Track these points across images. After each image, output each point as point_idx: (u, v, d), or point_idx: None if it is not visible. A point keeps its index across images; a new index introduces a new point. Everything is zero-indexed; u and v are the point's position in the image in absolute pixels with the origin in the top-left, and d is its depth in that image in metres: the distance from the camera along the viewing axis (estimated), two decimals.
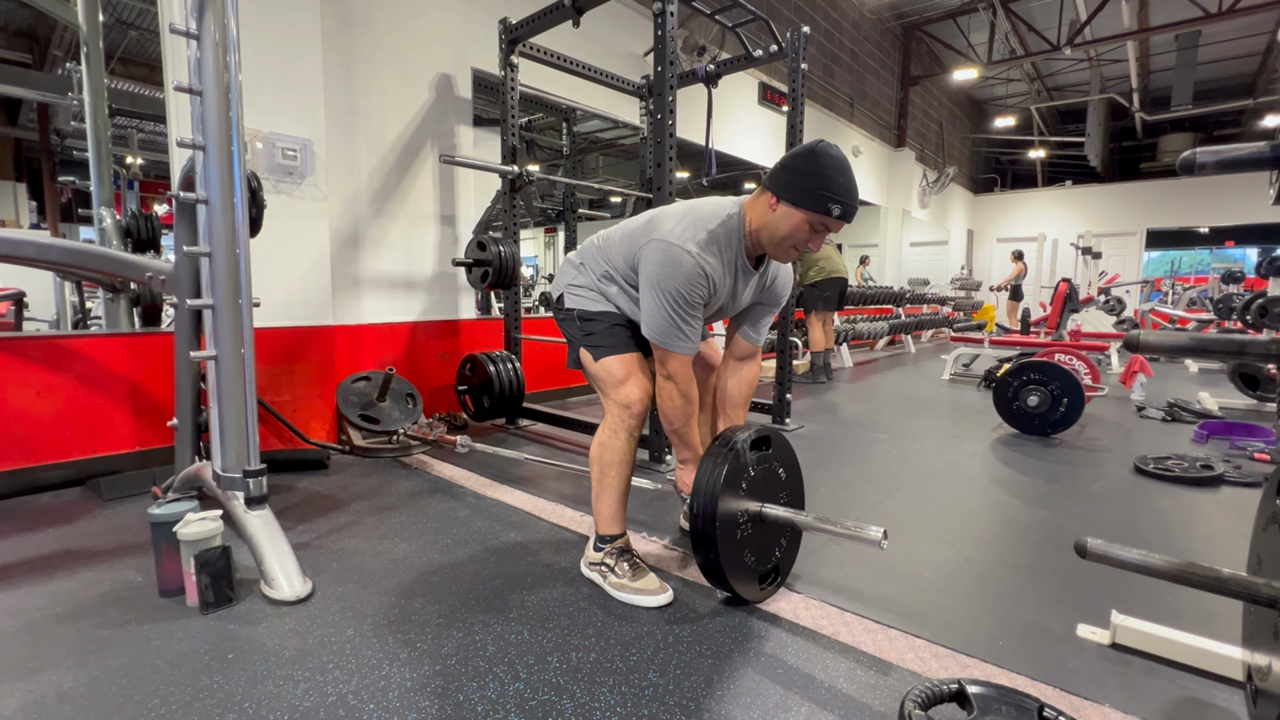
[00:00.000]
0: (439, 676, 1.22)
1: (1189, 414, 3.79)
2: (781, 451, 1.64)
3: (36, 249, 1.93)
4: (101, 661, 1.26)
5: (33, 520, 2.00)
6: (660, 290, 1.44)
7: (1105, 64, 10.79)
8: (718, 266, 1.48)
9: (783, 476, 1.63)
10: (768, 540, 1.56)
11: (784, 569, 1.62)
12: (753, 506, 1.51)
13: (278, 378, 2.72)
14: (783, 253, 1.50)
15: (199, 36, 1.57)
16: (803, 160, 1.40)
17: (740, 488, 1.48)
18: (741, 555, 1.48)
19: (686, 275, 1.42)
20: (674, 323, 1.46)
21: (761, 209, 1.46)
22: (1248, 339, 0.98)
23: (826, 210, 1.37)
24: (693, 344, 1.50)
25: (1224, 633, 1.32)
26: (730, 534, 1.45)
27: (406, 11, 3.23)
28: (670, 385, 1.54)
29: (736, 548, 1.46)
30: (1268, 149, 0.95)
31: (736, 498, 1.47)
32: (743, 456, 1.49)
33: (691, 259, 1.42)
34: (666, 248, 1.44)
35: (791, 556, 1.66)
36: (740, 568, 1.48)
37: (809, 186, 1.38)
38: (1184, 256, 13.31)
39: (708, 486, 1.43)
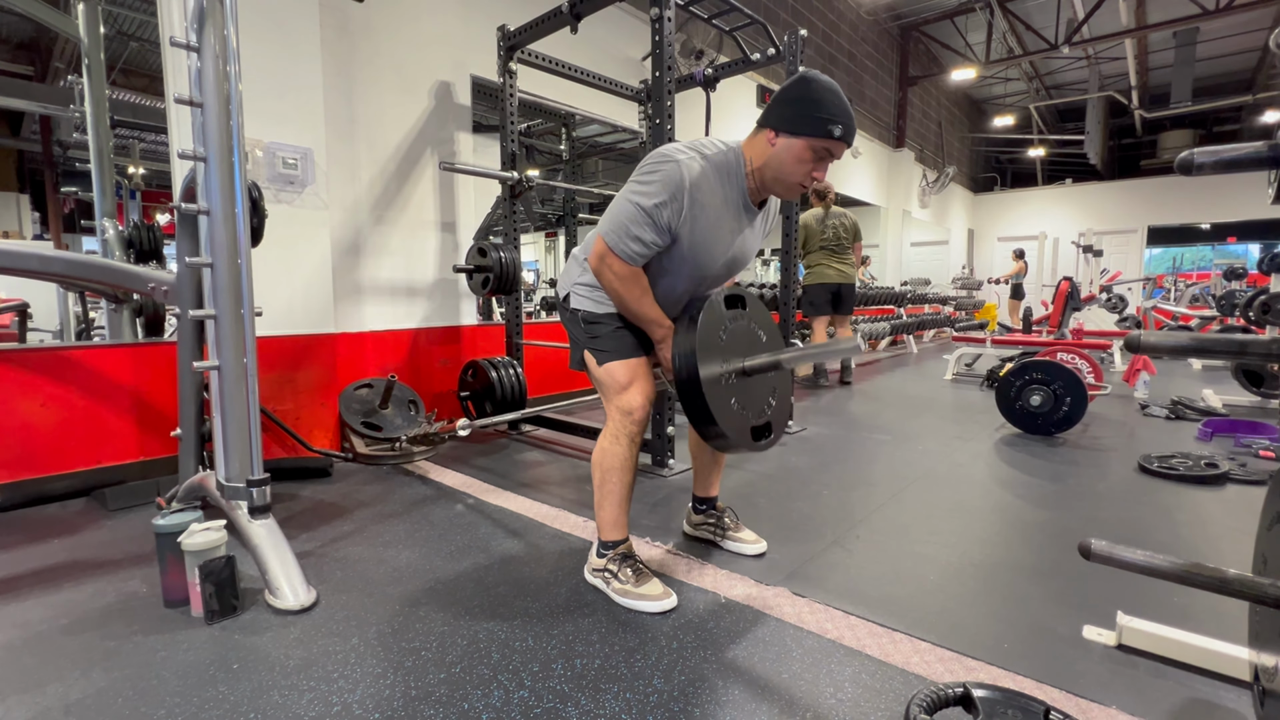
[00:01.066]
0: (444, 685, 1.22)
1: (1193, 412, 3.78)
2: (757, 312, 1.61)
3: (39, 261, 1.94)
4: (108, 673, 1.26)
5: (39, 531, 2.01)
6: (636, 182, 1.44)
7: (1104, 62, 10.79)
8: (705, 189, 1.44)
9: (763, 338, 1.61)
10: (756, 393, 1.54)
11: (776, 427, 1.59)
12: (734, 360, 1.49)
13: (280, 386, 2.72)
14: (790, 188, 1.47)
15: (199, 48, 1.58)
16: (795, 89, 1.39)
17: (718, 341, 1.46)
18: (731, 407, 1.46)
19: (667, 177, 1.40)
20: (630, 218, 1.43)
21: (761, 146, 1.45)
22: (1249, 339, 0.98)
23: (827, 132, 1.36)
24: (635, 253, 1.45)
25: (1231, 633, 1.31)
26: (716, 386, 1.42)
27: (405, 19, 3.25)
28: (604, 267, 1.49)
29: (724, 397, 1.44)
30: (1265, 148, 0.95)
31: (716, 351, 1.45)
32: (717, 310, 1.47)
33: (677, 166, 1.41)
34: (660, 154, 1.45)
35: (783, 415, 1.63)
36: (730, 414, 1.46)
37: (805, 112, 1.37)
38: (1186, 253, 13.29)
39: (685, 344, 1.41)
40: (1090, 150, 11.98)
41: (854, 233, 4.99)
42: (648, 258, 1.48)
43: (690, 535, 1.95)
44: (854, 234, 4.99)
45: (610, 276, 1.50)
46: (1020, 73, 11.60)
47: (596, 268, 1.52)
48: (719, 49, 5.13)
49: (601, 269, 1.51)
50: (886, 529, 2.04)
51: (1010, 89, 12.66)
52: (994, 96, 13.31)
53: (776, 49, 3.19)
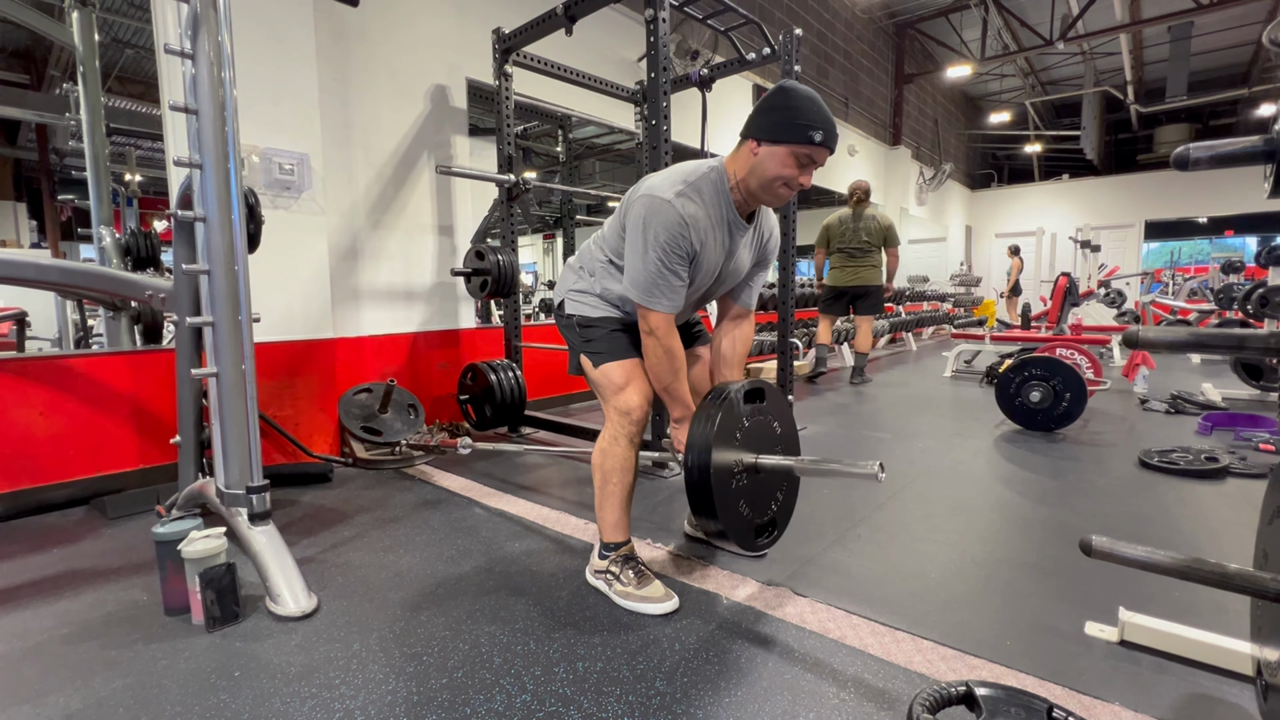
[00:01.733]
0: (446, 690, 1.22)
1: (1192, 406, 3.78)
2: (775, 404, 1.62)
3: (36, 270, 1.94)
4: (108, 682, 1.26)
5: (39, 540, 2.01)
6: (643, 241, 1.45)
7: (1099, 57, 10.80)
8: (701, 217, 1.46)
9: (777, 430, 1.62)
10: (764, 492, 1.55)
11: (781, 522, 1.61)
12: (747, 458, 1.50)
13: (279, 392, 2.72)
14: (774, 195, 1.48)
15: (194, 55, 1.58)
16: (774, 99, 1.42)
17: (734, 439, 1.47)
18: (737, 507, 1.47)
19: (667, 224, 1.42)
20: (655, 275, 1.45)
21: (744, 158, 1.47)
22: (1247, 333, 0.98)
23: (808, 138, 1.38)
24: (673, 302, 1.48)
25: (1233, 628, 1.32)
26: (725, 485, 1.44)
27: (400, 23, 3.25)
28: (653, 340, 1.52)
29: (732, 499, 1.46)
30: (1261, 142, 0.95)
31: (730, 449, 1.46)
32: (736, 408, 1.49)
33: (672, 208, 1.42)
34: (648, 200, 1.45)
35: (789, 510, 1.65)
36: (737, 519, 1.47)
37: (785, 120, 1.39)
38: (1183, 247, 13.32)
39: (700, 439, 1.43)
40: (1087, 145, 11.99)
41: (881, 236, 4.94)
42: (682, 298, 1.51)
43: (691, 536, 1.95)
44: (880, 237, 4.94)
45: (654, 341, 1.51)
46: (1016, 69, 11.61)
47: (646, 343, 1.54)
48: (714, 49, 5.13)
49: (648, 343, 1.53)
50: (887, 528, 2.03)
51: (1006, 85, 12.68)
52: (990, 93, 13.32)
53: (772, 48, 3.19)
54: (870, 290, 5.01)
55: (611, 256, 1.62)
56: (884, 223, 4.96)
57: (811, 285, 6.57)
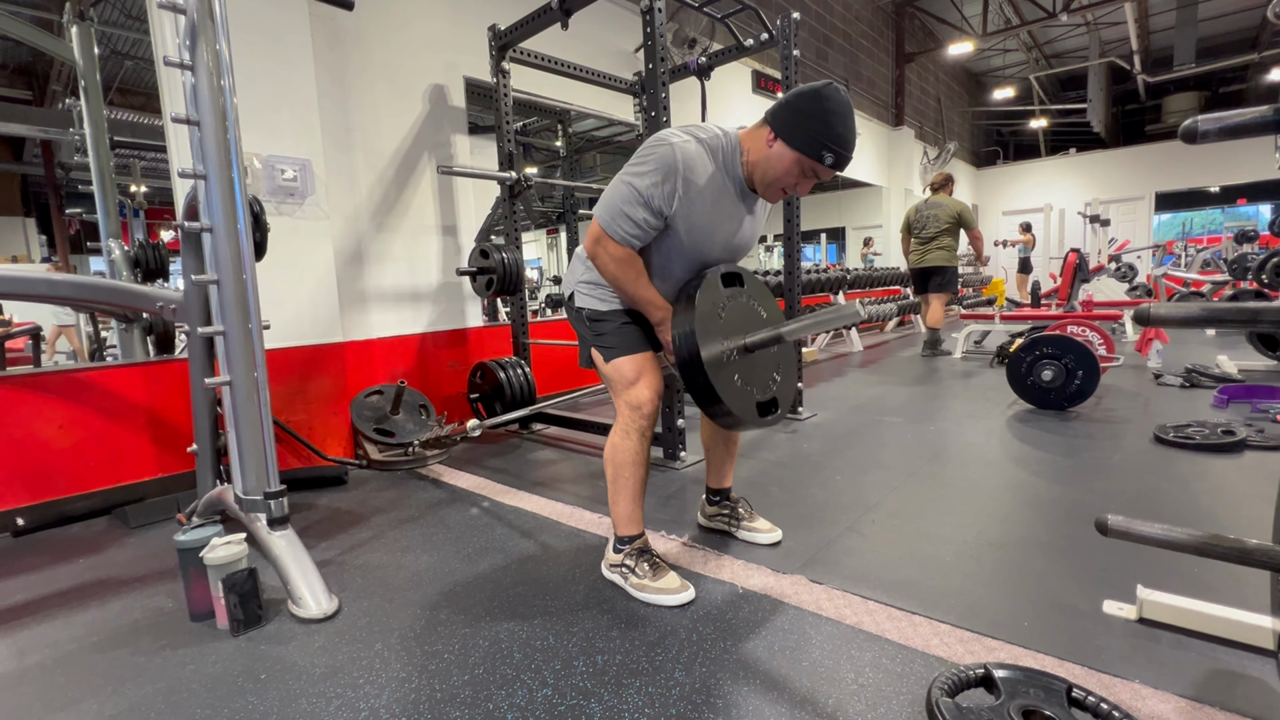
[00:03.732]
0: (468, 686, 1.24)
1: (1208, 379, 3.74)
2: (755, 289, 1.61)
3: (48, 286, 1.97)
4: (139, 689, 1.28)
5: (64, 552, 2.04)
6: (631, 166, 1.45)
7: (1103, 27, 10.61)
8: (699, 167, 1.43)
9: (763, 314, 1.60)
10: (760, 371, 1.54)
11: (782, 402, 1.59)
12: (736, 339, 1.49)
13: (292, 397, 2.75)
14: (772, 194, 1.48)
15: (193, 66, 1.58)
16: (807, 101, 1.37)
17: (718, 319, 1.46)
18: (734, 382, 1.46)
19: (659, 159, 1.41)
20: (623, 200, 1.43)
21: (759, 142, 1.45)
22: (1261, 306, 0.97)
23: (820, 157, 1.37)
24: (629, 234, 1.45)
25: (1253, 602, 1.31)
26: (719, 364, 1.42)
27: (395, 25, 3.24)
28: (600, 249, 1.49)
29: (727, 374, 1.45)
30: (1271, 112, 0.93)
31: (717, 330, 1.45)
32: (715, 288, 1.48)
33: (670, 148, 1.41)
34: (654, 137, 1.45)
35: (789, 391, 1.63)
36: (734, 391, 1.46)
37: (808, 129, 1.36)
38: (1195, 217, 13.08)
39: (685, 324, 1.42)
40: (1093, 118, 11.81)
41: (947, 221, 5.22)
42: (642, 239, 1.48)
43: (705, 527, 1.96)
44: (946, 222, 5.21)
45: (606, 259, 1.50)
46: (1019, 43, 11.43)
47: (592, 251, 1.52)
48: (711, 37, 5.09)
49: (597, 251, 1.51)
50: (901, 512, 2.03)
51: (1009, 60, 12.49)
52: (993, 69, 13.14)
53: (770, 33, 3.16)
54: (937, 270, 5.33)
55: None
56: (954, 209, 5.23)
57: (818, 271, 6.54)
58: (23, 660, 1.41)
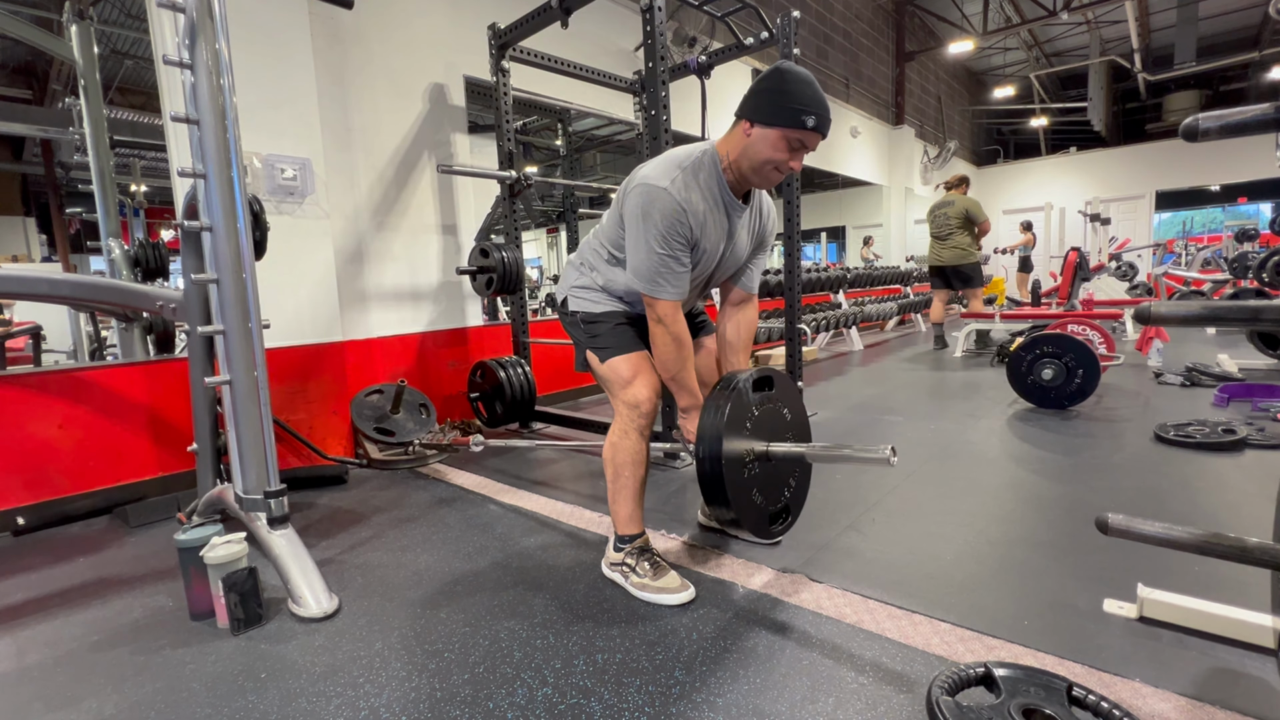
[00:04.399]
0: (468, 685, 1.24)
1: (1208, 377, 3.74)
2: (785, 391, 1.63)
3: (49, 285, 1.96)
4: (139, 687, 1.28)
5: (64, 551, 2.04)
6: (643, 230, 1.45)
7: (1104, 25, 10.60)
8: (698, 203, 1.46)
9: (788, 417, 1.63)
10: (776, 480, 1.56)
11: (794, 508, 1.62)
12: (758, 446, 1.51)
13: (292, 396, 2.75)
14: (765, 177, 1.48)
15: (192, 64, 1.58)
16: (770, 80, 1.40)
17: (744, 428, 1.48)
18: (750, 495, 1.49)
19: (665, 212, 1.42)
20: (658, 264, 1.45)
21: (736, 139, 1.46)
22: (1262, 304, 0.97)
23: (800, 123, 1.37)
24: (678, 289, 1.48)
25: (1254, 601, 1.31)
26: (737, 474, 1.45)
27: (395, 24, 3.24)
28: (661, 329, 1.52)
29: (744, 487, 1.47)
30: (1273, 110, 0.93)
31: (741, 438, 1.47)
32: (745, 396, 1.49)
33: (668, 195, 1.42)
34: (644, 189, 1.44)
35: (801, 496, 1.66)
36: (750, 507, 1.48)
37: (779, 103, 1.38)
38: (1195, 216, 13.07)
39: (711, 429, 1.44)
40: (1094, 117, 11.80)
41: (957, 218, 5.41)
42: (686, 284, 1.51)
43: (705, 526, 1.96)
44: (957, 219, 5.41)
45: (663, 329, 1.51)
46: (1019, 42, 11.42)
47: (654, 330, 1.53)
48: (712, 35, 5.09)
49: (657, 331, 1.52)
50: (901, 510, 2.03)
51: (1010, 59, 12.48)
52: (993, 67, 13.13)
53: (770, 32, 3.15)
54: (955, 269, 5.53)
55: (611, 250, 1.62)
56: (963, 205, 5.40)
57: (818, 270, 6.54)
58: (23, 659, 1.41)
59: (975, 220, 5.39)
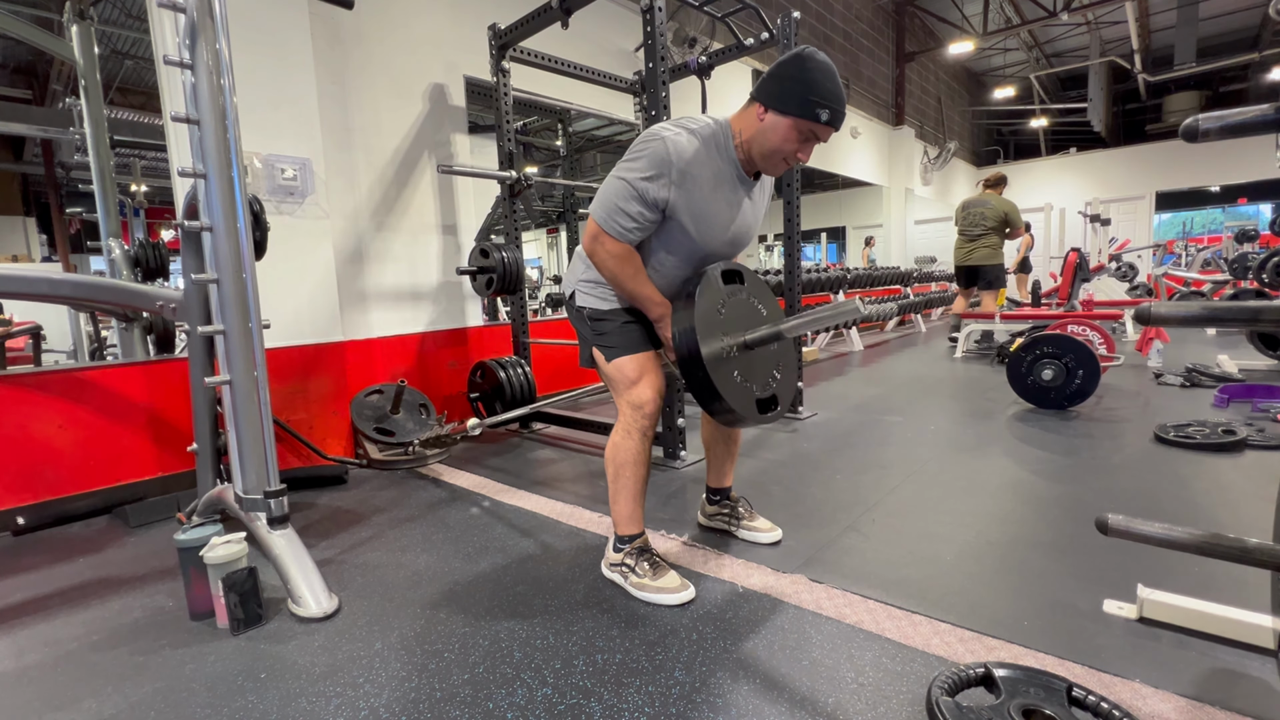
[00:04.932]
0: (468, 685, 1.24)
1: (1208, 378, 3.74)
2: (755, 286, 1.61)
3: (49, 285, 1.96)
4: (139, 687, 1.28)
5: (64, 551, 2.04)
6: (624, 162, 1.44)
7: (1104, 26, 10.60)
8: (691, 160, 1.42)
9: (763, 312, 1.61)
10: (760, 368, 1.54)
11: (782, 399, 1.59)
12: (736, 336, 1.49)
13: (292, 396, 2.75)
14: (773, 165, 1.47)
15: (193, 65, 1.58)
16: (790, 67, 1.38)
17: (718, 316, 1.47)
18: (732, 377, 1.47)
19: (651, 154, 1.40)
20: (617, 196, 1.43)
21: (750, 119, 1.45)
22: (1262, 305, 0.97)
23: (815, 116, 1.36)
24: (626, 229, 1.45)
25: (1254, 601, 1.31)
26: (719, 360, 1.43)
27: (395, 24, 3.24)
28: (598, 246, 1.49)
29: (727, 371, 1.45)
30: (1273, 111, 0.93)
31: (717, 327, 1.45)
32: (715, 285, 1.48)
33: (662, 143, 1.40)
34: (646, 132, 1.45)
35: (789, 389, 1.63)
36: (734, 388, 1.46)
37: (796, 92, 1.36)
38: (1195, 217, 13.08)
39: (685, 321, 1.42)
40: (1094, 118, 11.80)
41: (994, 220, 5.38)
42: (640, 234, 1.47)
43: (705, 526, 1.96)
44: (993, 221, 5.38)
45: (604, 256, 1.49)
46: (1019, 42, 11.43)
47: (590, 248, 1.52)
48: (712, 36, 5.09)
49: (595, 249, 1.50)
50: (901, 511, 2.03)
51: (1010, 59, 12.49)
52: (993, 68, 13.13)
53: (770, 32, 3.15)
54: (980, 269, 5.50)
55: None
56: (1001, 209, 5.37)
57: (818, 270, 6.54)
58: (23, 659, 1.41)
59: (1013, 225, 5.36)
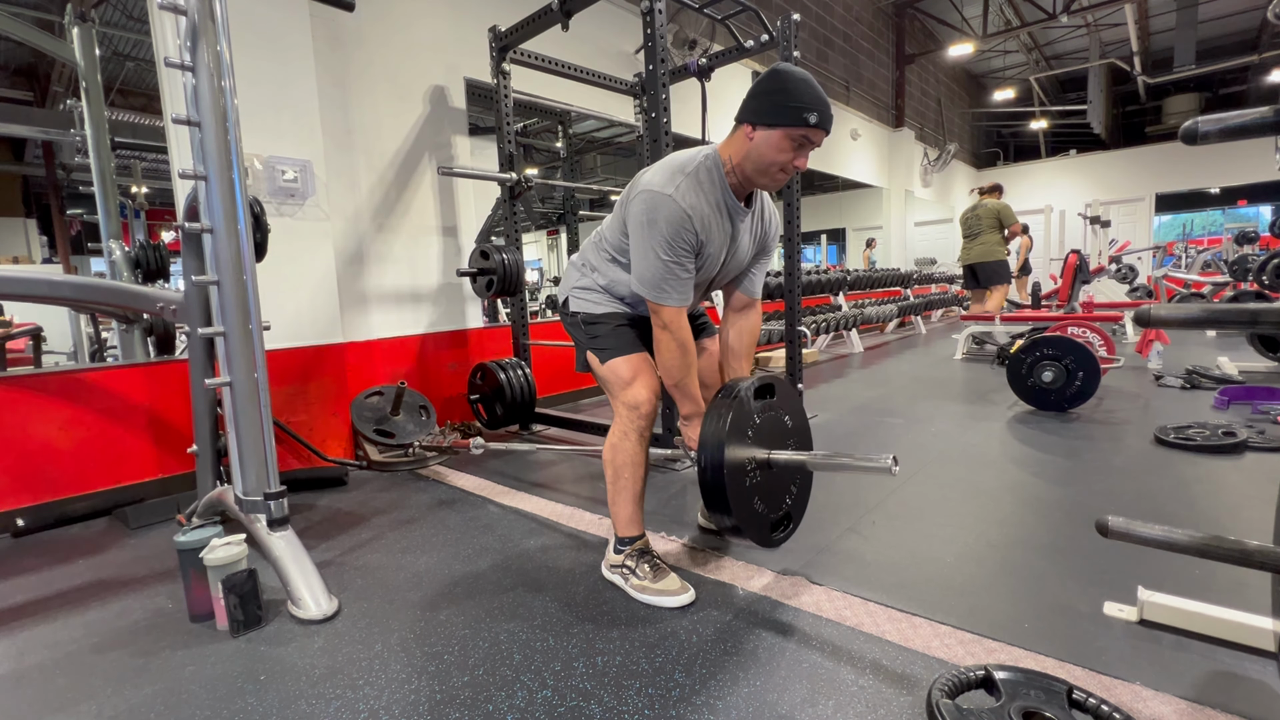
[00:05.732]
0: (468, 688, 1.23)
1: (1208, 380, 3.74)
2: (786, 398, 1.63)
3: (49, 286, 1.96)
4: (138, 690, 1.28)
5: (64, 552, 2.04)
6: (648, 237, 1.44)
7: (1104, 29, 10.61)
8: (701, 208, 1.45)
9: (789, 424, 1.63)
10: (778, 487, 1.57)
11: (796, 516, 1.63)
12: (760, 454, 1.51)
13: (292, 398, 2.75)
14: (770, 178, 1.48)
15: (194, 67, 1.58)
16: (767, 82, 1.41)
17: (745, 435, 1.49)
18: (752, 503, 1.49)
19: (670, 218, 1.41)
20: (662, 270, 1.45)
21: (739, 143, 1.46)
22: (1261, 308, 0.97)
23: (803, 120, 1.38)
24: (683, 295, 1.48)
25: (1254, 603, 1.31)
26: (738, 482, 1.45)
27: (396, 26, 3.25)
28: (666, 335, 1.51)
29: (746, 495, 1.47)
30: (1272, 114, 0.94)
31: (743, 446, 1.47)
32: (746, 404, 1.50)
33: (673, 201, 1.41)
34: (649, 195, 1.44)
35: (803, 503, 1.66)
36: (752, 515, 1.49)
37: (780, 103, 1.38)
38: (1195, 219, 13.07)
39: (713, 437, 1.45)
40: (1093, 119, 11.81)
41: (989, 220, 5.75)
42: (691, 290, 1.51)
43: (705, 528, 1.96)
44: (989, 221, 5.75)
45: (669, 336, 1.50)
46: (1019, 44, 11.43)
47: (659, 336, 1.53)
48: (712, 38, 5.10)
49: (662, 337, 1.52)
50: (901, 513, 2.03)
51: (1009, 61, 12.49)
52: (993, 70, 13.14)
53: (770, 34, 3.16)
54: (980, 266, 5.84)
55: (613, 253, 1.62)
56: (995, 209, 5.77)
57: (818, 272, 6.55)
58: (22, 661, 1.41)
59: (1005, 222, 5.67)
